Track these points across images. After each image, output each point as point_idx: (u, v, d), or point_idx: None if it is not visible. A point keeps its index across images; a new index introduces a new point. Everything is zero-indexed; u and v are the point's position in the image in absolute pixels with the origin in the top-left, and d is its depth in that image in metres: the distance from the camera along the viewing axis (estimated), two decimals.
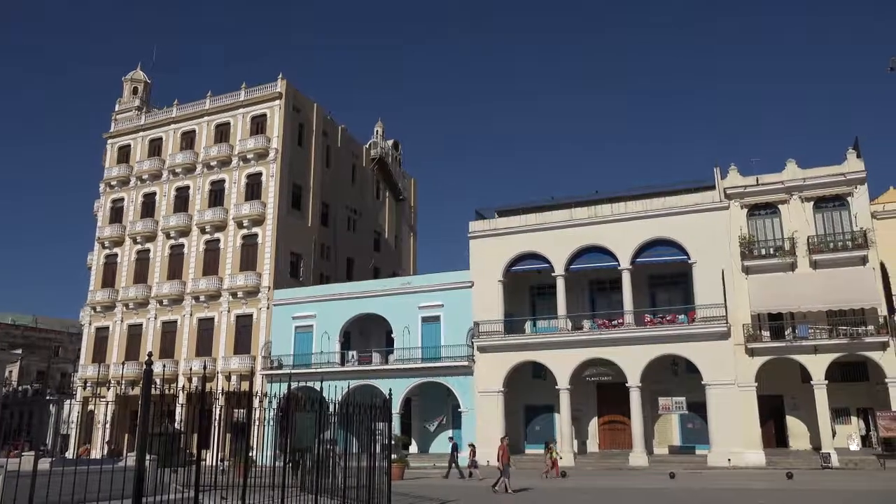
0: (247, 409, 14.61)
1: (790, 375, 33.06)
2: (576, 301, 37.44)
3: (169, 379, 43.24)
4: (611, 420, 37.84)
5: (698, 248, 34.10)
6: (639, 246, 35.21)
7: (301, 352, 41.67)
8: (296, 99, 49.56)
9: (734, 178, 34.59)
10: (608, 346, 34.59)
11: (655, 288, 38.04)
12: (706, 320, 33.09)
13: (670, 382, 35.36)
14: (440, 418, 40.32)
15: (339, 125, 55.18)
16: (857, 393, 33.12)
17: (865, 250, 31.53)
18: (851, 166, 32.80)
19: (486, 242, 38.51)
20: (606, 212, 36.50)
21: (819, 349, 31.31)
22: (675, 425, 36.61)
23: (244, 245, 46.61)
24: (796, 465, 29.42)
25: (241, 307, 45.14)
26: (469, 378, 37.07)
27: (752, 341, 32.24)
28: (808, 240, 32.55)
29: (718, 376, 32.38)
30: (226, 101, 50.48)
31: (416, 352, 38.82)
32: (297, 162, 48.87)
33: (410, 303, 39.84)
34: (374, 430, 16.62)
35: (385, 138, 62.87)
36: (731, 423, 31.74)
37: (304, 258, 48.15)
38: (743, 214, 34.12)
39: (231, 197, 47.97)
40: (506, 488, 21.75)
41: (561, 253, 36.49)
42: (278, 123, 47.82)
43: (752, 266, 33.17)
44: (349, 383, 31.62)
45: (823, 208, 33.25)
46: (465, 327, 37.74)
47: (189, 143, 51.21)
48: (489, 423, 35.77)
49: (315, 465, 15.72)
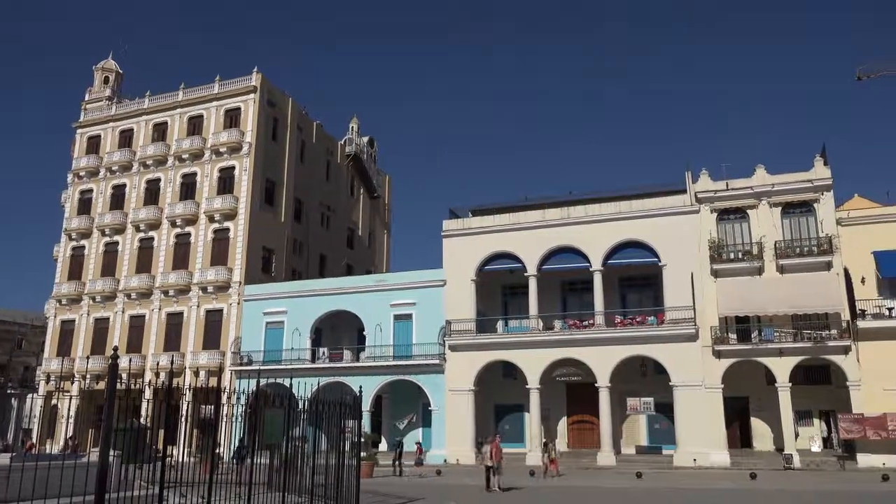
0: (215, 406, 14.46)
1: (755, 377, 33.63)
2: (547, 301, 37.67)
3: (136, 374, 42.47)
4: (580, 420, 38.16)
5: (669, 251, 34.52)
6: (610, 248, 35.53)
7: (271, 348, 41.35)
8: (270, 93, 49.12)
9: (705, 182, 35.08)
10: (578, 347, 34.87)
11: (626, 289, 38.45)
12: (675, 322, 33.52)
13: (639, 383, 35.75)
14: (410, 416, 40.32)
15: (315, 121, 54.82)
16: (819, 396, 33.80)
17: (830, 256, 32.18)
18: (818, 173, 33.44)
19: (459, 241, 38.58)
20: (579, 213, 36.78)
21: (784, 352, 31.90)
22: (642, 425, 37.04)
23: (215, 239, 46.10)
24: (760, 465, 29.97)
25: (211, 302, 44.66)
26: (440, 376, 37.11)
27: (720, 343, 32.74)
28: (776, 245, 33.13)
29: (686, 377, 32.82)
30: (199, 94, 49.87)
31: (388, 350, 38.75)
32: (271, 157, 48.45)
33: (383, 300, 39.75)
34: (344, 428, 16.57)
35: (360, 135, 62.60)
36: (697, 424, 32.19)
37: (276, 254, 47.78)
38: (713, 218, 34.61)
39: (203, 190, 47.41)
40: (498, 486, 21.77)
41: (533, 253, 36.70)
42: (252, 117, 47.37)
43: (721, 269, 33.67)
44: (319, 380, 31.50)
45: (791, 214, 33.85)
46: (437, 326, 37.77)
47: (161, 135, 50.50)
48: (459, 421, 35.86)
49: (283, 463, 15.62)
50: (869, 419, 29.82)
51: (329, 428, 16.49)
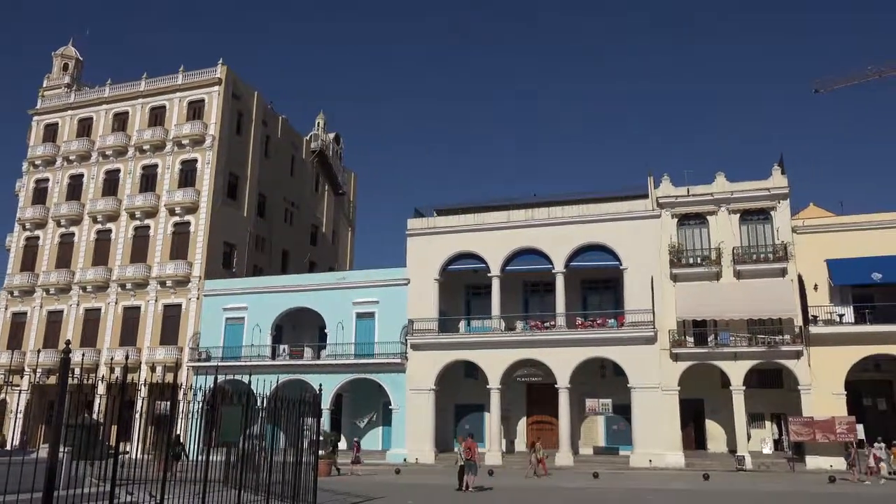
0: (171, 402, 14.25)
1: (711, 380, 34.32)
2: (510, 302, 37.90)
3: (89, 368, 41.67)
4: (539, 420, 38.47)
5: (630, 255, 35.02)
6: (573, 250, 35.90)
7: (231, 344, 40.83)
8: (235, 86, 48.47)
9: (667, 188, 35.68)
10: (540, 348, 35.17)
11: (587, 291, 38.89)
12: (634, 325, 34.02)
13: (598, 384, 36.20)
14: (371, 415, 40.21)
15: (280, 115, 54.29)
16: (771, 399, 34.63)
17: (785, 263, 33.00)
18: (776, 182, 34.28)
19: (423, 240, 38.59)
20: (543, 215, 37.09)
21: (739, 356, 32.62)
22: (600, 426, 37.51)
23: (175, 233, 45.34)
24: (713, 466, 30.60)
25: (170, 297, 43.90)
26: (401, 375, 37.07)
27: (677, 347, 33.34)
28: (733, 251, 33.85)
29: (644, 380, 33.35)
30: (162, 84, 48.99)
31: (350, 347, 38.58)
32: (235, 151, 47.83)
33: (345, 298, 39.56)
34: (303, 426, 16.47)
35: (327, 131, 62.24)
36: (653, 426, 32.73)
37: (237, 249, 47.18)
38: (673, 224, 35.21)
39: (164, 183, 46.58)
40: (466, 485, 21.73)
41: (497, 254, 36.89)
42: (216, 110, 46.70)
43: (680, 274, 34.28)
44: (278, 377, 31.20)
45: (749, 221, 34.63)
46: (400, 324, 37.72)
47: (121, 125, 49.48)
48: (420, 421, 35.88)
49: (240, 460, 15.47)
50: (818, 422, 30.67)
51: (288, 426, 16.39)
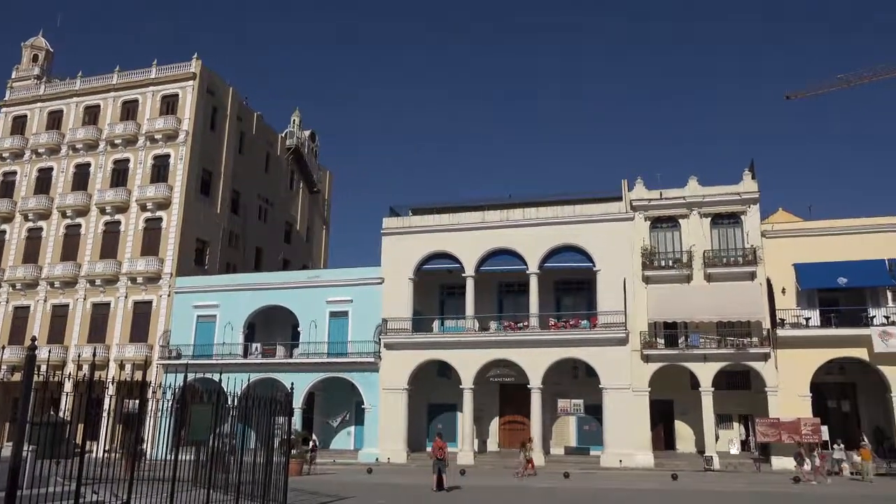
0: (140, 400, 14.10)
1: (680, 381, 34.77)
2: (484, 302, 38.02)
3: (56, 365, 40.98)
4: (511, 420, 38.66)
5: (603, 257, 35.33)
6: (547, 251, 36.13)
7: (202, 342, 40.42)
8: (210, 81, 47.97)
9: (640, 191, 36.05)
10: (513, 348, 35.34)
11: (561, 293, 39.15)
12: (607, 326, 34.34)
13: (570, 385, 36.48)
14: (343, 414, 40.08)
15: (255, 112, 53.85)
16: (739, 400, 35.18)
17: (754, 266, 33.55)
18: (746, 187, 34.83)
19: (398, 240, 38.56)
20: (518, 216, 37.27)
21: (708, 358, 33.10)
22: (572, 426, 37.80)
23: (147, 229, 44.75)
24: (681, 466, 31.02)
25: (140, 293, 43.33)
26: (374, 375, 37.00)
27: (648, 348, 33.72)
28: (704, 254, 34.33)
29: (615, 380, 33.67)
30: (135, 78, 48.30)
31: (322, 346, 38.40)
32: (209, 146, 47.33)
33: (319, 297, 39.37)
34: (274, 425, 16.39)
35: (302, 128, 61.83)
36: (624, 426, 33.07)
37: (210, 246, 46.69)
38: (646, 226, 35.61)
39: (135, 178, 45.95)
40: (441, 484, 21.72)
41: (472, 254, 37.00)
42: (190, 105, 46.17)
43: (652, 276, 34.68)
44: (249, 376, 30.97)
45: (719, 225, 35.13)
46: (374, 324, 37.64)
47: (92, 118, 48.71)
48: (392, 420, 35.86)
49: (210, 459, 15.34)
50: (784, 423, 31.24)
51: (259, 425, 16.29)
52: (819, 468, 26.72)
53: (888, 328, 31.14)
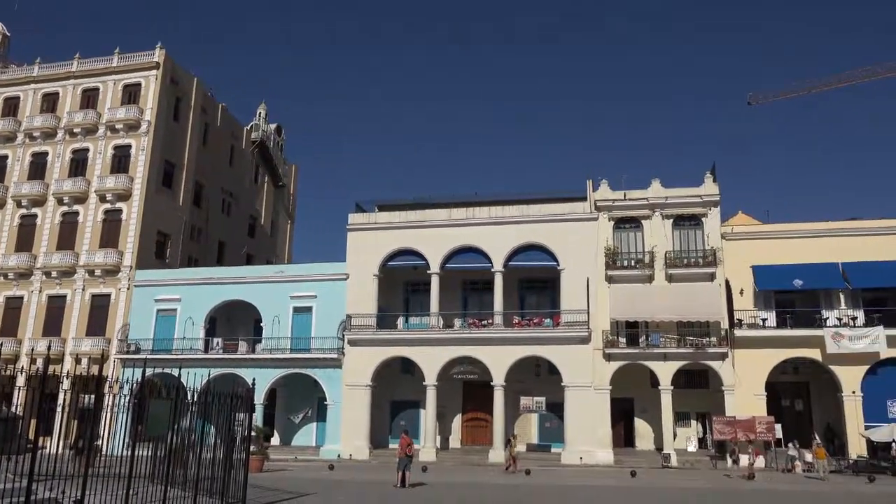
0: (95, 395, 13.81)
1: (641, 380, 35.29)
2: (449, 299, 38.07)
3: (9, 359, 39.95)
4: (474, 417, 38.82)
5: (567, 256, 35.64)
6: (512, 250, 36.32)
7: (162, 336, 39.73)
8: (174, 71, 47.12)
9: (604, 191, 36.46)
10: (477, 346, 35.47)
11: (525, 291, 39.39)
12: (570, 325, 34.67)
13: (532, 383, 36.75)
14: (305, 410, 39.81)
15: (220, 103, 53.06)
16: (697, 399, 35.85)
17: (714, 268, 34.20)
18: (707, 189, 35.47)
19: (364, 236, 38.39)
20: (484, 214, 37.40)
21: (668, 357, 33.66)
22: (534, 424, 38.10)
23: (106, 220, 43.81)
24: (640, 464, 31.48)
25: (99, 286, 42.40)
26: (337, 371, 36.81)
27: (610, 347, 34.15)
28: (666, 255, 34.87)
29: (577, 379, 34.03)
30: (96, 66, 47.20)
31: (285, 342, 38.06)
32: (172, 137, 46.49)
33: (282, 292, 39.01)
34: (234, 421, 16.20)
35: (268, 122, 61.15)
36: (585, 424, 33.45)
37: (171, 238, 45.91)
38: (610, 226, 36.03)
39: (95, 168, 44.93)
40: (404, 482, 21.68)
41: (437, 251, 37.01)
42: (153, 95, 45.30)
43: (615, 276, 35.11)
44: (210, 371, 30.51)
45: (681, 226, 35.72)
46: (338, 320, 37.43)
47: (51, 106, 47.47)
48: (355, 416, 35.73)
49: (168, 455, 15.10)
50: (740, 422, 31.93)
51: (219, 421, 16.09)
52: (750, 465, 27.26)
53: (840, 330, 32.06)
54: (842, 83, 54.12)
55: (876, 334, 31.52)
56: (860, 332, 31.90)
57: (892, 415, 31.62)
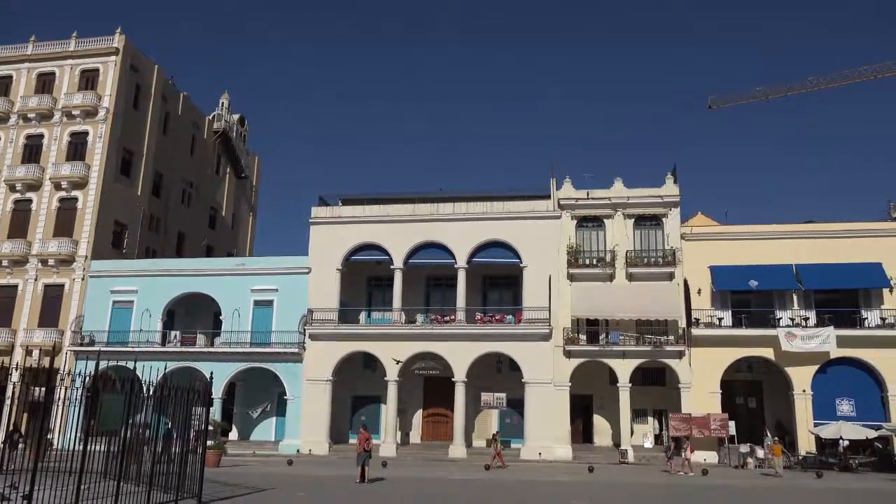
0: (47, 388, 13.44)
1: (600, 377, 35.77)
2: (411, 295, 38.03)
3: None
4: (435, 413, 38.87)
5: (530, 253, 35.89)
6: (476, 246, 36.44)
7: (117, 329, 38.88)
8: (134, 57, 46.07)
9: (568, 190, 36.79)
10: (439, 341, 35.51)
11: (488, 287, 39.57)
12: (531, 322, 34.93)
13: (493, 379, 36.95)
14: (265, 405, 39.40)
15: (182, 92, 52.08)
16: (654, 396, 36.47)
17: (673, 267, 34.79)
18: (668, 190, 36.05)
19: (327, 230, 38.10)
20: (448, 210, 37.42)
21: (627, 354, 34.17)
22: (494, 420, 38.29)
23: (61, 209, 42.68)
24: (598, 459, 31.87)
25: (52, 276, 41.29)
26: (298, 365, 36.50)
27: (570, 344, 34.51)
28: (627, 254, 35.36)
29: (538, 375, 34.32)
30: (52, 50, 45.90)
31: (245, 336, 37.60)
32: (131, 125, 45.46)
33: (243, 285, 38.53)
34: (191, 415, 15.94)
35: (231, 112, 60.19)
36: (544, 420, 33.77)
37: (129, 229, 44.93)
38: (572, 225, 36.38)
39: (50, 155, 43.72)
40: (363, 477, 21.54)
41: (401, 246, 36.93)
42: (112, 81, 44.24)
43: (577, 274, 35.47)
44: (167, 364, 30.02)
45: (642, 226, 36.23)
46: (299, 314, 37.11)
47: (3, 90, 46.00)
48: (315, 412, 35.50)
49: (121, 450, 14.78)
50: (695, 419, 32.60)
51: (175, 414, 15.82)
52: (686, 461, 27.86)
53: (793, 330, 32.94)
54: (792, 91, 55.51)
55: (826, 334, 32.45)
56: (812, 332, 32.81)
57: (840, 413, 32.62)
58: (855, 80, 54.12)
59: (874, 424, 31.17)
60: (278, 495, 18.68)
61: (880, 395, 32.72)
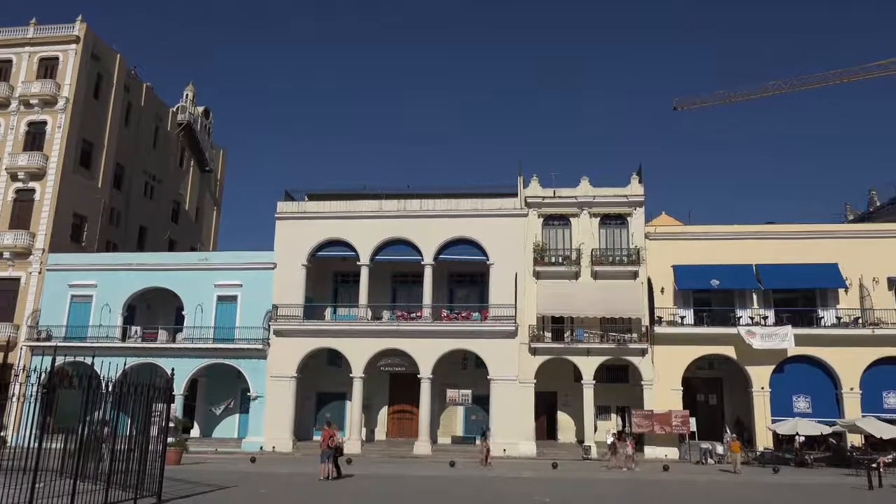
0: (0, 383, 13.09)
1: (564, 374, 36.07)
2: (378, 291, 37.89)
3: None
4: (400, 409, 38.82)
5: (497, 251, 36.01)
6: (443, 243, 36.43)
7: (76, 324, 37.98)
8: (96, 46, 45.00)
9: (535, 188, 36.99)
10: (405, 338, 35.43)
11: (455, 285, 39.62)
12: (497, 319, 35.06)
13: (459, 376, 37.04)
14: (228, 402, 38.91)
15: (144, 83, 51.06)
16: (618, 393, 36.92)
17: (637, 266, 35.22)
18: (633, 190, 36.47)
19: (293, 225, 37.74)
20: (415, 207, 37.34)
21: (591, 352, 34.52)
22: (459, 416, 38.44)
23: (17, 200, 41.55)
24: (562, 455, 32.23)
25: (7, 269, 40.18)
26: (262, 362, 36.11)
27: (536, 341, 34.74)
28: (592, 252, 35.69)
29: (503, 372, 34.48)
30: (9, 36, 44.59)
31: (208, 331, 37.05)
32: (91, 116, 44.41)
33: (207, 280, 37.94)
34: (151, 412, 15.66)
35: (196, 104, 59.21)
36: (509, 416, 33.94)
37: (89, 221, 43.90)
38: (539, 223, 36.59)
39: (6, 145, 42.50)
40: (327, 474, 21.38)
41: (367, 242, 36.76)
42: (72, 70, 43.17)
43: (543, 272, 35.70)
44: (126, 360, 29.45)
45: (607, 225, 36.59)
46: (264, 310, 36.70)
47: None
48: (279, 408, 35.18)
49: (79, 448, 14.46)
50: (657, 415, 33.12)
51: (135, 411, 15.53)
52: (629, 456, 28.35)
53: (753, 328, 33.62)
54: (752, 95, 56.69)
55: (785, 333, 33.19)
56: (770, 330, 33.52)
57: (796, 409, 33.43)
58: (813, 85, 55.53)
59: (829, 421, 31.98)
60: (240, 493, 18.47)
61: (835, 393, 33.60)
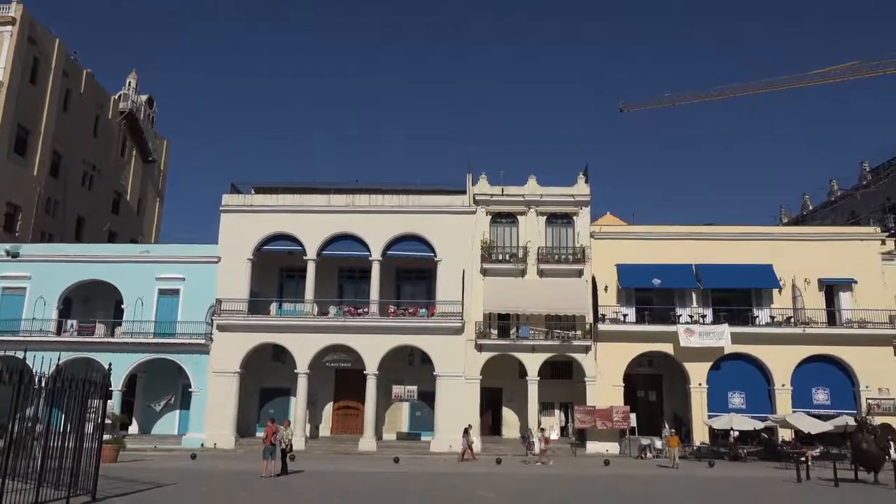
0: None
1: (510, 370, 36.48)
2: (324, 287, 37.59)
3: None
4: (345, 405, 38.64)
5: (445, 247, 36.14)
6: (391, 239, 36.36)
7: (7, 317, 36.50)
8: (33, 29, 43.36)
9: (483, 186, 37.26)
10: (351, 334, 35.28)
11: (402, 281, 39.60)
12: (444, 315, 35.21)
13: (405, 372, 37.07)
14: (168, 397, 38.06)
15: (85, 69, 49.41)
16: (561, 389, 37.52)
17: (582, 265, 35.84)
18: (580, 189, 37.08)
19: (238, 218, 37.09)
20: (364, 202, 37.17)
21: (536, 349, 35.00)
22: (405, 413, 38.46)
23: None
24: (505, 451, 32.59)
25: None
26: (204, 357, 35.43)
27: (482, 338, 35.02)
28: (538, 250, 36.15)
29: (449, 368, 34.66)
30: None
31: (149, 325, 36.14)
32: (27, 100, 42.80)
33: (148, 273, 37.00)
34: (86, 408, 15.23)
35: (139, 93, 57.58)
36: (455, 413, 34.11)
37: (23, 211, 42.33)
38: (487, 220, 36.87)
39: None
40: (270, 471, 21.13)
41: (315, 237, 36.42)
42: (7, 52, 41.52)
43: (490, 269, 36.00)
44: (60, 355, 28.47)
45: (554, 223, 37.13)
46: (207, 304, 36.01)
47: None
48: (221, 404, 34.60)
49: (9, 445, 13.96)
50: (599, 411, 33.81)
51: (70, 407, 15.08)
52: (544, 451, 29.03)
53: (691, 326, 34.61)
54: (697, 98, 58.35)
55: (721, 331, 34.28)
56: (708, 328, 34.57)
57: (731, 405, 34.59)
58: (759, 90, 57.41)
59: (762, 416, 33.22)
60: (179, 490, 18.13)
61: (768, 389, 34.87)
